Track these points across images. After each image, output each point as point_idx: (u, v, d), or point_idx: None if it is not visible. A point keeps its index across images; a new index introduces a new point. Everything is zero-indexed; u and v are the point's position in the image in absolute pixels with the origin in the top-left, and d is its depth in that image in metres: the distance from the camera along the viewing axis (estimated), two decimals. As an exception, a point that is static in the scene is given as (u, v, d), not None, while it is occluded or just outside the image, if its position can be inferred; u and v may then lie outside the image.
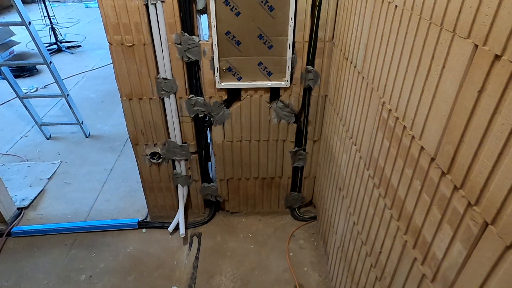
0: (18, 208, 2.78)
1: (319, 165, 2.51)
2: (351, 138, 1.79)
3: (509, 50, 0.74)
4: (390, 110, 1.32)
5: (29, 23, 2.79)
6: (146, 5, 1.86)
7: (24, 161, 3.39)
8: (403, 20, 1.20)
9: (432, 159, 1.03)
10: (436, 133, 1.01)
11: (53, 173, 3.21)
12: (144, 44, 1.97)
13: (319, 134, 2.40)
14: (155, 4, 1.85)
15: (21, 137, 3.77)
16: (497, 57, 0.78)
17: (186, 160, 2.44)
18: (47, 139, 3.73)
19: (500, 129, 0.76)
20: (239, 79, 2.13)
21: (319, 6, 1.93)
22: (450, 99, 0.94)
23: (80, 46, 6.25)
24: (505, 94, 0.75)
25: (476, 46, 0.84)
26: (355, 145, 1.73)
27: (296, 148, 2.44)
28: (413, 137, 1.15)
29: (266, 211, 2.76)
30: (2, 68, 3.12)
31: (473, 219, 0.85)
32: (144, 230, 2.62)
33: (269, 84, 2.14)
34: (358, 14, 1.63)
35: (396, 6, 1.24)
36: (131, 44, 1.96)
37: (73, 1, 8.77)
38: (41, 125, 3.65)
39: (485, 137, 0.81)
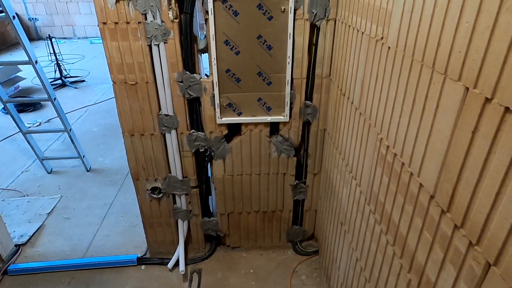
0: (16, 245, 2.73)
1: (320, 198, 2.50)
2: (351, 172, 1.79)
3: (498, 94, 0.77)
4: (388, 146, 1.34)
5: (36, 61, 2.88)
6: (150, 46, 1.94)
7: (24, 196, 3.38)
8: (396, 61, 1.24)
9: (432, 197, 1.04)
10: (434, 170, 1.02)
11: (53, 208, 3.19)
12: (147, 83, 2.03)
13: (319, 167, 2.41)
14: (158, 45, 1.93)
15: (22, 172, 3.78)
16: (487, 100, 0.80)
17: (186, 194, 2.43)
18: (48, 173, 3.74)
19: (496, 169, 0.78)
20: (239, 114, 2.17)
21: (316, 44, 2.00)
22: (446, 138, 0.96)
23: (84, 80, 6.40)
24: (497, 135, 0.77)
25: (467, 88, 0.87)
26: (355, 179, 1.74)
27: (297, 181, 2.44)
28: (411, 174, 1.16)
29: (267, 246, 2.72)
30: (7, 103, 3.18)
31: (476, 259, 0.85)
32: (143, 266, 2.56)
33: (269, 119, 2.18)
34: (353, 53, 1.69)
35: (389, 47, 1.30)
36: (134, 83, 2.02)
37: (78, 38, 9.08)
38: (42, 159, 3.67)
39: (482, 177, 0.83)
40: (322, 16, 1.92)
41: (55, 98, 3.18)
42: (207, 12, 1.88)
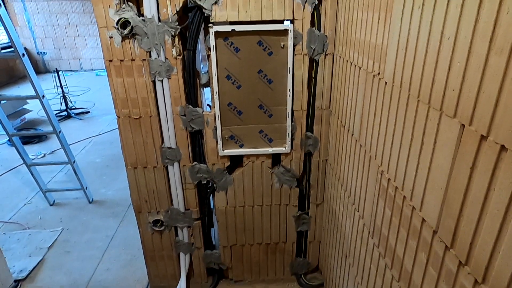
0: (15, 281, 2.69)
1: (323, 229, 2.47)
2: (353, 204, 1.79)
3: (493, 132, 0.79)
4: (389, 179, 1.34)
5: (43, 96, 2.96)
6: (154, 82, 2.00)
7: (26, 228, 3.36)
8: (393, 96, 1.27)
9: (435, 232, 1.03)
10: (435, 205, 1.02)
11: (54, 241, 3.15)
12: (150, 116, 2.07)
13: (321, 197, 2.40)
14: (161, 81, 1.99)
15: (25, 204, 3.78)
16: (483, 137, 0.82)
17: (188, 227, 2.41)
18: (50, 205, 3.73)
19: (496, 207, 0.78)
20: (241, 146, 2.19)
21: (315, 78, 2.06)
22: (445, 174, 0.97)
23: (89, 112, 6.52)
24: (495, 173, 0.78)
25: (463, 125, 0.89)
26: (358, 211, 1.73)
27: (300, 212, 2.42)
28: (413, 208, 1.16)
29: (271, 279, 2.66)
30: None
31: (482, 298, 0.83)
32: (144, 302, 2.50)
33: (270, 150, 2.20)
34: (352, 86, 1.73)
35: (386, 82, 1.33)
36: (138, 117, 2.07)
37: (84, 70, 9.33)
38: (45, 191, 3.67)
39: (483, 214, 0.83)
40: (320, 51, 1.98)
41: (60, 131, 3.23)
42: (209, 48, 1.95)
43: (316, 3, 1.88)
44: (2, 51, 7.79)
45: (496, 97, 0.77)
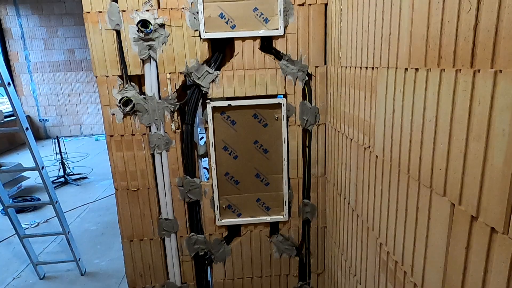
0: None
1: (326, 300, 2.36)
2: (355, 275, 1.74)
3: (482, 213, 0.81)
4: (388, 252, 1.33)
5: (42, 167, 3.00)
6: (153, 155, 2.05)
7: (12, 306, 3.16)
8: (385, 170, 1.32)
9: (439, 313, 1.00)
10: (436, 284, 1.01)
11: (41, 321, 2.95)
12: (148, 188, 2.09)
13: (322, 266, 2.33)
14: (160, 153, 2.04)
15: (14, 278, 3.61)
16: (474, 218, 0.84)
17: (185, 302, 2.30)
18: (41, 279, 3.56)
19: (495, 291, 0.78)
20: (239, 215, 2.19)
21: (309, 147, 2.13)
22: (442, 251, 0.97)
23: (86, 177, 6.53)
24: (490, 255, 0.79)
25: (453, 204, 0.92)
26: (360, 283, 1.67)
27: (301, 283, 2.33)
28: (415, 284, 1.14)
29: None
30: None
31: None
32: None
33: (268, 218, 2.19)
34: (345, 156, 1.79)
35: (376, 156, 1.39)
36: (136, 189, 2.08)
37: (84, 136, 9.54)
38: (36, 264, 3.53)
39: (484, 297, 0.82)
40: (313, 122, 2.08)
41: (56, 201, 3.21)
42: (206, 122, 2.04)
43: (307, 79, 2.02)
44: (6, 119, 8.02)
45: (480, 180, 0.81)
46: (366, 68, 1.44)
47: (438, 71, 0.94)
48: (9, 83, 2.54)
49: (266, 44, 1.99)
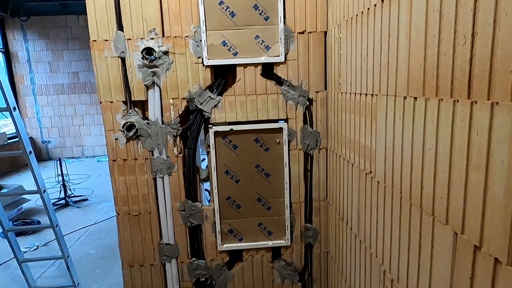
0: None
1: (330, 328, 2.30)
2: (359, 303, 1.70)
3: (485, 243, 0.81)
4: (392, 280, 1.31)
5: (44, 191, 2.99)
6: (155, 179, 2.06)
7: (8, 334, 3.08)
8: (386, 196, 1.32)
9: None
10: (442, 315, 0.99)
11: None
12: (150, 213, 2.08)
13: (326, 293, 2.28)
14: (162, 178, 2.05)
15: (10, 304, 3.53)
16: (477, 248, 0.84)
17: (185, 330, 2.24)
18: (37, 305, 3.48)
19: (502, 323, 0.76)
20: (240, 240, 2.17)
21: (311, 171, 2.13)
22: (446, 281, 0.96)
23: (87, 199, 6.50)
24: (495, 286, 0.78)
25: (456, 233, 0.91)
26: (365, 312, 1.64)
27: (304, 310, 2.28)
28: (421, 315, 1.11)
29: None
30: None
31: None
32: None
33: (270, 243, 2.17)
34: (346, 181, 1.79)
35: (378, 182, 1.39)
36: (137, 213, 2.08)
37: (86, 157, 9.57)
38: (34, 289, 3.46)
39: (490, 330, 0.80)
40: (314, 146, 2.10)
41: (57, 225, 3.19)
42: (209, 146, 2.06)
43: (307, 104, 2.05)
44: (9, 140, 8.08)
45: (482, 210, 0.81)
46: (366, 94, 1.46)
47: (436, 101, 0.96)
48: (14, 108, 2.58)
49: (268, 70, 2.04)
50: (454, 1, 0.87)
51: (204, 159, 2.23)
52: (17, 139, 2.78)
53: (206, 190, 2.85)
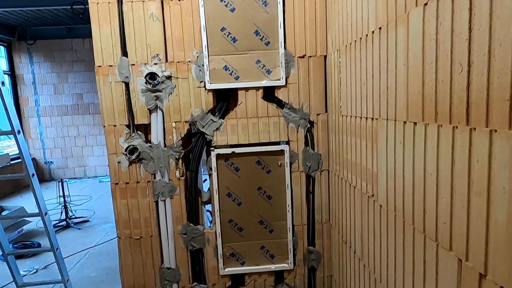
0: None
1: None
2: (365, 330, 1.66)
3: (490, 271, 0.80)
4: (397, 307, 1.28)
5: (45, 213, 2.98)
6: (156, 202, 2.05)
7: None
8: (389, 220, 1.31)
9: None
10: None
11: None
12: (151, 236, 2.07)
13: (330, 318, 2.23)
14: (164, 200, 2.05)
15: (7, 330, 3.45)
16: (482, 276, 0.83)
17: None
18: (35, 331, 3.40)
19: None
20: (243, 263, 2.14)
21: (313, 193, 2.13)
22: (453, 310, 0.94)
23: (88, 221, 6.46)
24: (502, 316, 0.77)
25: (460, 260, 0.90)
26: None
27: (308, 336, 2.22)
28: None
29: None
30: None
31: None
32: None
33: (273, 267, 2.14)
34: (349, 203, 1.78)
35: (380, 205, 1.39)
36: (139, 237, 2.06)
37: (88, 178, 9.57)
38: (32, 315, 3.39)
39: None
40: (315, 168, 2.10)
41: (57, 248, 3.16)
42: (210, 168, 2.07)
43: (308, 126, 2.07)
44: (12, 161, 8.12)
45: (485, 237, 0.81)
46: (366, 118, 1.48)
47: (435, 126, 0.98)
48: (19, 131, 2.61)
49: (269, 93, 2.07)
50: (449, 31, 0.89)
51: (206, 180, 2.23)
52: (20, 160, 2.79)
53: (207, 210, 2.84)
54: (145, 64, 1.95)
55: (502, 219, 0.76)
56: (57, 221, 6.23)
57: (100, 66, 1.95)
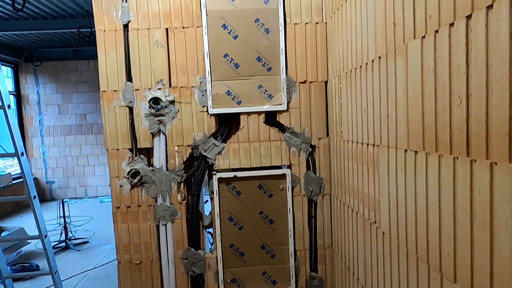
0: None
1: None
2: None
3: (496, 306, 0.79)
4: (403, 339, 1.25)
5: (45, 236, 2.96)
6: (158, 226, 2.04)
7: None
8: (392, 248, 1.30)
9: None
10: None
11: None
12: (152, 261, 2.04)
13: None
14: (165, 225, 2.03)
15: None
16: (488, 310, 0.81)
17: None
18: None
19: None
20: (244, 290, 2.10)
21: (315, 217, 2.11)
22: None
23: (87, 242, 6.38)
24: None
25: (465, 293, 0.89)
26: None
27: None
28: None
29: None
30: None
31: None
32: None
33: (275, 294, 2.10)
34: (351, 229, 1.77)
35: (383, 233, 1.37)
36: (139, 262, 2.04)
37: (89, 197, 9.53)
38: None
39: None
40: (317, 192, 2.09)
41: (56, 271, 3.12)
42: (212, 192, 2.06)
43: (310, 150, 2.08)
44: (13, 181, 8.14)
45: (490, 269, 0.80)
46: (368, 144, 1.49)
47: (436, 156, 0.98)
48: (22, 153, 2.63)
49: (271, 117, 2.09)
50: (448, 64, 0.92)
51: (207, 201, 2.23)
52: (22, 179, 2.80)
53: (208, 232, 2.80)
54: (149, 89, 1.99)
55: (506, 253, 0.75)
56: (57, 242, 6.17)
57: (105, 91, 1.99)
